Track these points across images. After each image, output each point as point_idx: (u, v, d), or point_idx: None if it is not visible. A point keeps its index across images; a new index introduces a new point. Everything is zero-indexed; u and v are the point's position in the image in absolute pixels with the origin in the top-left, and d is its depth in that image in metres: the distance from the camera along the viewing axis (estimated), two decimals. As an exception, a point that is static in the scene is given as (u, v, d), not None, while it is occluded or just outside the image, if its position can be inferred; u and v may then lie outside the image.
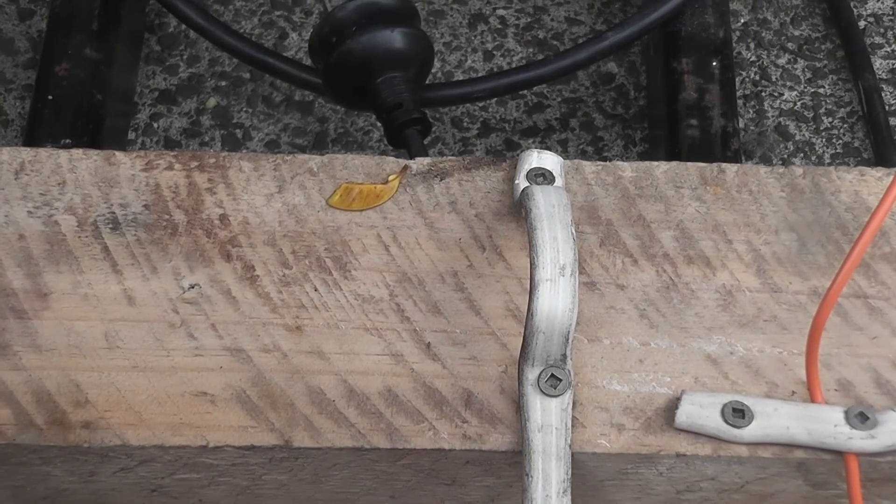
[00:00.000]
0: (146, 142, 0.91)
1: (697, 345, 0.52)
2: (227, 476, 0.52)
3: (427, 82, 0.83)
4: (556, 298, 0.48)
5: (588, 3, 0.97)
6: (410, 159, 0.57)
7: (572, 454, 0.48)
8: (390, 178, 0.56)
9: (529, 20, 0.96)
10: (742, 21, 0.95)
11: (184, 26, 0.93)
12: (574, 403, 0.50)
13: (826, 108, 0.92)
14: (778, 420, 0.49)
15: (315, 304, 0.53)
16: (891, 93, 0.92)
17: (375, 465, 0.51)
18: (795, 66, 0.94)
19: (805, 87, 0.93)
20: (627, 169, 0.56)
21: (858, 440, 0.49)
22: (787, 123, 0.91)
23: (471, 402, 0.51)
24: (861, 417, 0.49)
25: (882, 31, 0.95)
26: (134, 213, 0.55)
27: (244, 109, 0.92)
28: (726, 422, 0.49)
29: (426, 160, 0.57)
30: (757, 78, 0.93)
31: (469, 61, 0.94)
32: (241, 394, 0.51)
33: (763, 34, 0.95)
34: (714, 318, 0.53)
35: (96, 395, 0.51)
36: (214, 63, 0.94)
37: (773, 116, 0.92)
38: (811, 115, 0.92)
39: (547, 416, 0.48)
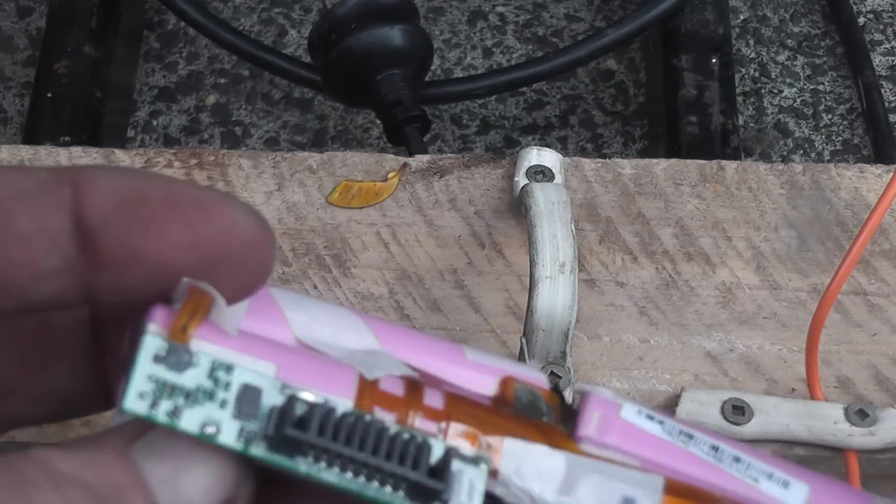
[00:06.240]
0: (145, 139, 0.91)
1: (697, 342, 0.52)
2: (226, 474, 0.52)
3: (426, 79, 0.82)
4: (555, 296, 0.48)
5: None
6: (410, 157, 0.57)
7: (572, 451, 0.48)
8: (390, 175, 0.56)
9: (529, 17, 0.96)
10: (741, 18, 0.95)
11: (183, 24, 0.93)
12: (574, 401, 0.50)
13: (826, 105, 0.92)
14: (778, 417, 0.49)
15: (314, 301, 0.53)
16: (890, 90, 0.92)
17: (375, 462, 0.51)
18: (795, 63, 0.94)
19: (805, 84, 0.93)
20: (627, 166, 0.56)
21: (858, 437, 0.49)
22: (787, 120, 0.91)
23: (470, 399, 0.51)
24: (861, 414, 0.49)
25: (881, 27, 0.95)
26: (133, 211, 0.55)
27: (243, 107, 0.92)
28: (726, 419, 0.49)
29: (426, 158, 0.57)
30: (756, 75, 0.93)
31: (468, 58, 0.94)
32: (240, 391, 0.51)
33: (762, 31, 0.95)
34: (714, 316, 0.53)
35: (96, 393, 0.51)
36: (213, 60, 0.94)
37: (772, 113, 0.92)
38: (811, 111, 0.92)
39: (547, 414, 0.48)
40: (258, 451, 0.23)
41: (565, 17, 0.96)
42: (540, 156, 0.55)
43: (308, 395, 0.24)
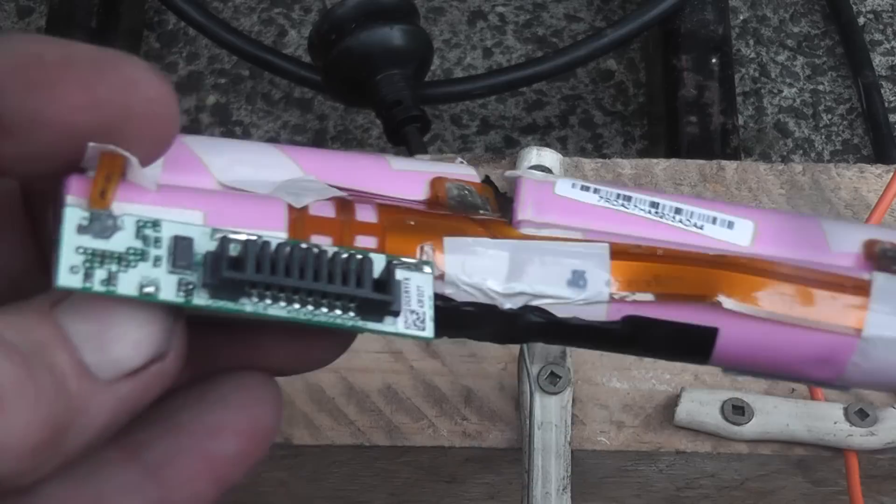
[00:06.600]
0: (145, 139, 0.91)
1: (697, 342, 0.52)
2: (226, 474, 0.52)
3: (426, 79, 0.83)
4: (555, 296, 0.48)
5: None
6: (410, 157, 0.57)
7: (572, 451, 0.48)
8: (390, 175, 0.56)
9: (529, 17, 0.96)
10: (741, 18, 0.95)
11: (183, 24, 0.93)
12: (574, 400, 0.50)
13: (825, 105, 0.92)
14: (778, 417, 0.49)
15: (314, 301, 0.53)
16: (890, 89, 0.92)
17: (375, 462, 0.51)
18: (795, 63, 0.94)
19: (804, 84, 0.93)
20: (627, 166, 0.56)
21: (858, 437, 0.49)
22: (787, 120, 0.91)
23: (470, 399, 0.51)
24: (861, 414, 0.49)
25: (881, 27, 0.95)
26: (133, 211, 0.55)
27: (243, 107, 0.92)
28: (726, 419, 0.49)
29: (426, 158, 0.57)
30: (756, 75, 0.93)
31: (468, 58, 0.94)
32: (240, 391, 0.51)
33: (762, 31, 0.95)
34: (714, 316, 0.53)
35: (96, 393, 0.50)
36: (213, 60, 0.94)
37: (772, 113, 0.92)
38: (810, 111, 0.92)
39: (546, 414, 0.48)
40: (201, 300, 0.23)
41: (565, 17, 0.96)
42: (540, 156, 0.55)
43: (240, 236, 0.23)
